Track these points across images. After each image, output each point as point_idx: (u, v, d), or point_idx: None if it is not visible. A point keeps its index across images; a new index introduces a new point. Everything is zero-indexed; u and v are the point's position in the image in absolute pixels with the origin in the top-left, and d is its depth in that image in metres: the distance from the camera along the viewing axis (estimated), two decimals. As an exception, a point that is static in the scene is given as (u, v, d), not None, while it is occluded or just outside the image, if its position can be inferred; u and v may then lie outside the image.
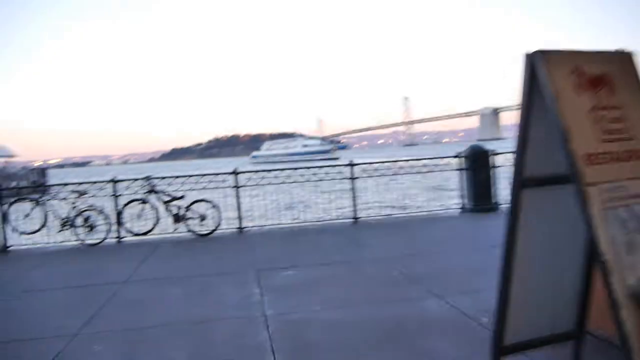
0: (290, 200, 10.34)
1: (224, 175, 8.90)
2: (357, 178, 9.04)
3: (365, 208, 9.53)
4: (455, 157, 9.24)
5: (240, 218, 8.78)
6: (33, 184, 66.72)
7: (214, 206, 8.59)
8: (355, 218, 8.97)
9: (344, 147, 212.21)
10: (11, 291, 5.58)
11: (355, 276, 5.35)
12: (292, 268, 5.77)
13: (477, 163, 9.06)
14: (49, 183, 74.74)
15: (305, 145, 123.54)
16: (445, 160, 9.50)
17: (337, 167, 9.34)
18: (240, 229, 8.74)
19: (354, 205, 8.99)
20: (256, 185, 9.07)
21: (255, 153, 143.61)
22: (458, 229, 8.17)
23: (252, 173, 9.17)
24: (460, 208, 9.25)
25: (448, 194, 11.01)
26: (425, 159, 9.64)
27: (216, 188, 8.87)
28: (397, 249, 6.61)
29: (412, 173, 9.77)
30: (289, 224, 9.23)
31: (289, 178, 9.19)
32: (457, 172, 9.24)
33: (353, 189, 8.97)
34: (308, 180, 9.25)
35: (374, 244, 7.14)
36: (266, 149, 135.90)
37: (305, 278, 5.32)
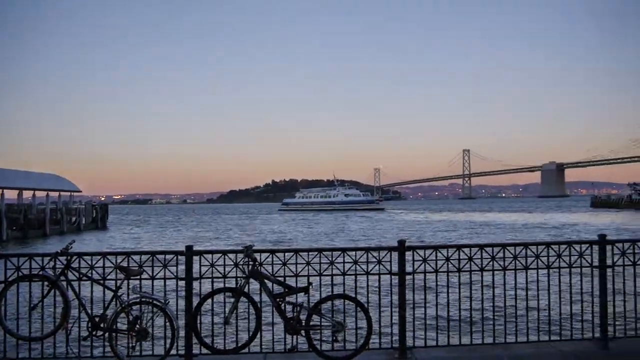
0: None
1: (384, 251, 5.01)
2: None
3: None
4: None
5: (403, 329, 4.84)
6: (93, 220, 59.20)
7: (359, 306, 4.73)
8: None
9: (392, 198, 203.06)
10: None
11: None
12: None
13: None
14: (107, 220, 64.89)
15: (347, 195, 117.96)
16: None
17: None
18: (403, 349, 4.79)
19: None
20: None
21: (286, 200, 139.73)
22: None
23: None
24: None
25: None
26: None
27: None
28: None
29: None
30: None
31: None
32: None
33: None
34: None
35: None
36: (302, 197, 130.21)
37: None
